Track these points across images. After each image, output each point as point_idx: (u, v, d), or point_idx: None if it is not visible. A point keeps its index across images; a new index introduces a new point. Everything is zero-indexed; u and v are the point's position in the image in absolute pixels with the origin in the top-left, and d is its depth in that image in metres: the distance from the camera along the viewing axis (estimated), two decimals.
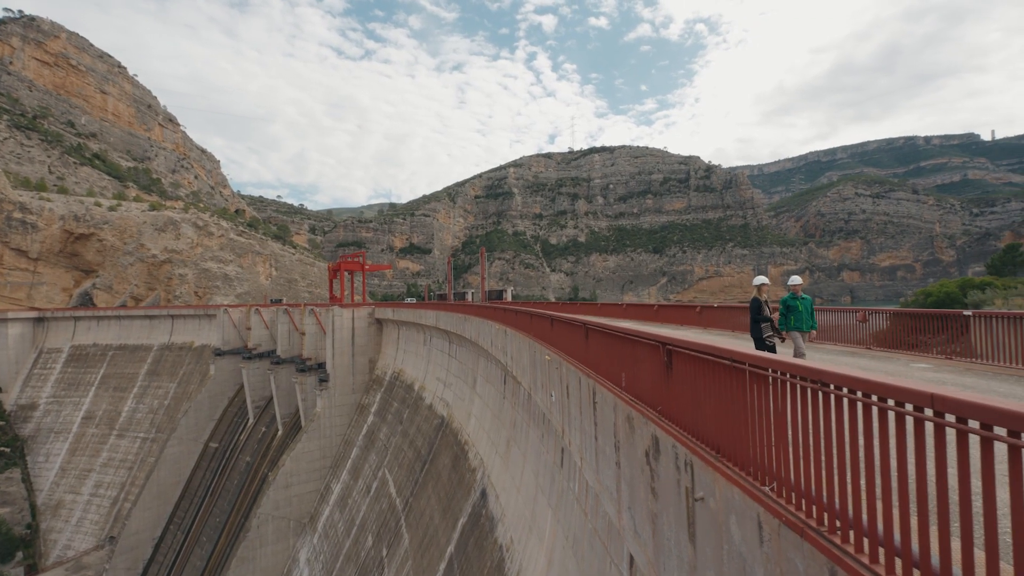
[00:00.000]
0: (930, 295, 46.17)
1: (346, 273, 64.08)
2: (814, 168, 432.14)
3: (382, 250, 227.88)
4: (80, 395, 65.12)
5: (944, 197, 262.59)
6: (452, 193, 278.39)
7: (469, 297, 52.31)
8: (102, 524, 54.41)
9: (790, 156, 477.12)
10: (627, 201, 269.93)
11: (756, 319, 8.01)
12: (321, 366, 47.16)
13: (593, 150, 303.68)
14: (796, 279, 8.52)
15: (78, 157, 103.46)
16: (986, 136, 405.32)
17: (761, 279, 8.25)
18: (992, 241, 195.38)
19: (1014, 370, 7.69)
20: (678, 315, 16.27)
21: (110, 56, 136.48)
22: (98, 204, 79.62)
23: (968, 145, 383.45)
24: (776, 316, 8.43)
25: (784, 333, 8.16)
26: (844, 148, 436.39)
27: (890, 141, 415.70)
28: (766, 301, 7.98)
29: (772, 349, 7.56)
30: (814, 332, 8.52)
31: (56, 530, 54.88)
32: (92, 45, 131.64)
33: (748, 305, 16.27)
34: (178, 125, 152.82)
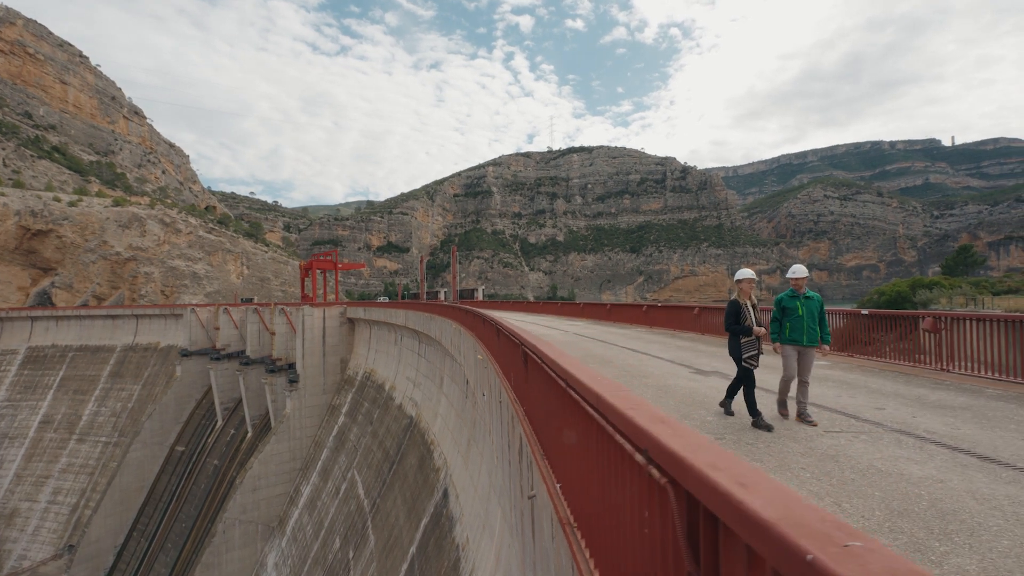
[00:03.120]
0: (883, 294, 48.29)
1: (319, 272, 63.18)
2: (786, 170, 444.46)
3: (359, 248, 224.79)
4: (38, 398, 62.46)
5: (907, 200, 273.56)
6: (431, 191, 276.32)
7: (442, 296, 52.28)
8: (61, 533, 52.39)
9: (763, 158, 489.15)
10: (605, 201, 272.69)
11: (733, 330, 5.64)
12: (292, 366, 46.38)
13: (571, 150, 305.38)
14: (799, 269, 5.87)
15: (36, 150, 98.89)
16: (946, 142, 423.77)
17: (744, 273, 5.83)
18: (950, 242, 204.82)
19: (921, 370, 8.21)
20: (627, 314, 16.80)
21: (71, 45, 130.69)
22: (57, 199, 76.39)
23: (930, 150, 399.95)
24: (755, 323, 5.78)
25: (776, 346, 5.74)
26: (814, 151, 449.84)
27: (857, 145, 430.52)
28: (750, 304, 5.70)
29: (749, 374, 5.55)
30: (826, 347, 5.80)
31: (11, 540, 52.61)
32: (51, 33, 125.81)
33: (694, 306, 16.37)
34: (144, 118, 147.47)
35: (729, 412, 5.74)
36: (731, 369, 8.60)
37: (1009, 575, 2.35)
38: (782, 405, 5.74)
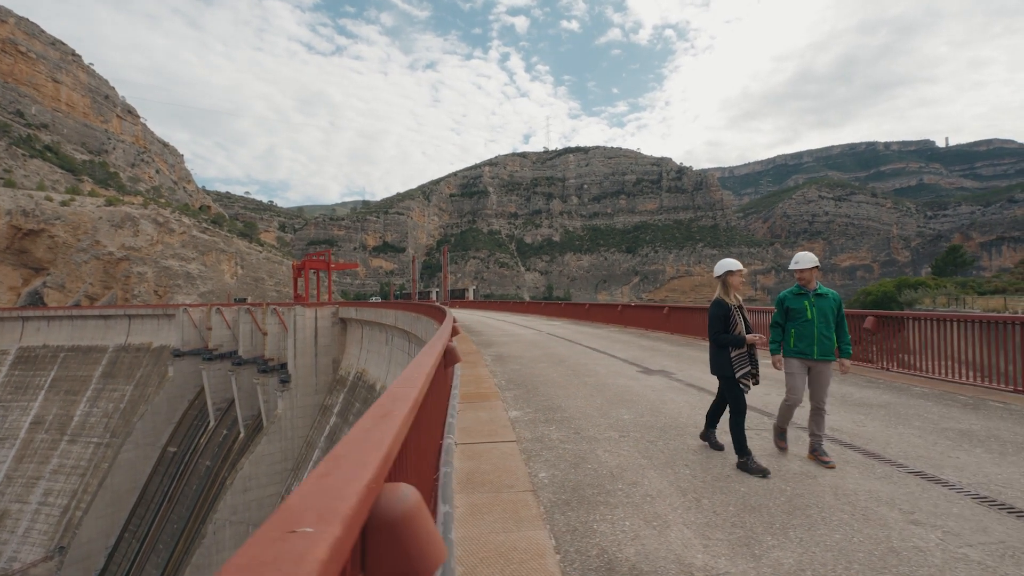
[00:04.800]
0: (870, 294, 48.58)
1: (312, 272, 63.28)
2: (781, 171, 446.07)
3: (355, 248, 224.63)
4: (28, 399, 62.32)
5: (901, 200, 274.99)
6: (427, 191, 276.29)
7: (434, 296, 52.50)
8: (51, 534, 52.34)
9: (759, 159, 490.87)
10: (601, 201, 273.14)
11: (720, 340, 4.35)
12: (284, 367, 46.45)
13: (568, 150, 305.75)
14: (806, 258, 4.45)
15: (27, 149, 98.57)
16: (941, 143, 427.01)
17: (729, 264, 4.50)
18: (943, 243, 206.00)
19: (862, 368, 8.41)
20: (603, 314, 17.08)
21: (63, 43, 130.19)
22: (49, 199, 76.21)
23: (924, 151, 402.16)
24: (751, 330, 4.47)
25: (777, 360, 4.49)
26: (810, 152, 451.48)
27: (853, 146, 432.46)
28: (738, 306, 4.41)
29: (741, 398, 4.27)
30: (847, 362, 4.47)
31: (1, 541, 52.54)
32: (43, 31, 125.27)
33: (664, 306, 15.90)
34: (138, 117, 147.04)
35: (717, 446, 4.48)
36: (678, 367, 8.77)
37: (822, 567, 2.54)
38: (780, 436, 4.49)
